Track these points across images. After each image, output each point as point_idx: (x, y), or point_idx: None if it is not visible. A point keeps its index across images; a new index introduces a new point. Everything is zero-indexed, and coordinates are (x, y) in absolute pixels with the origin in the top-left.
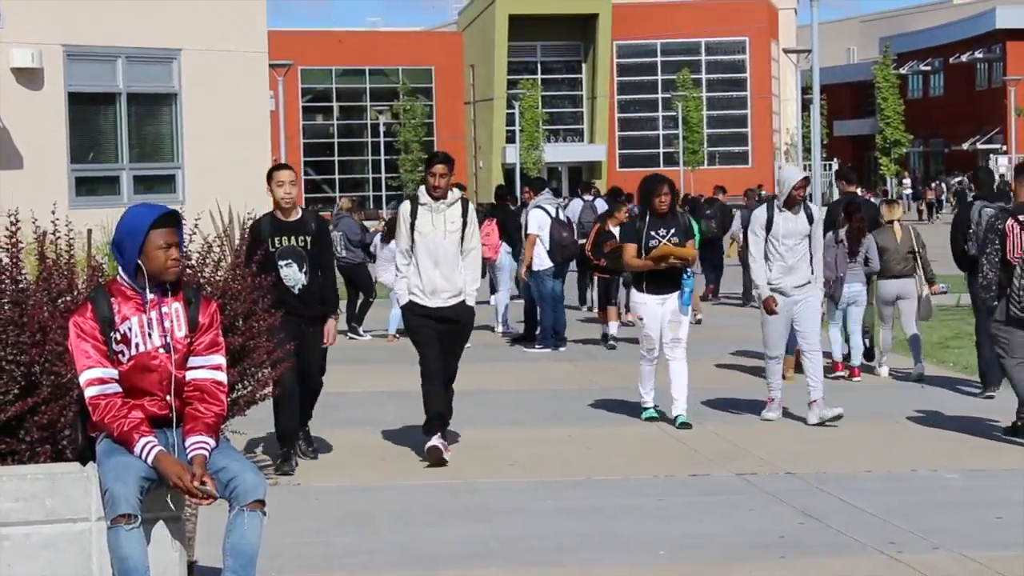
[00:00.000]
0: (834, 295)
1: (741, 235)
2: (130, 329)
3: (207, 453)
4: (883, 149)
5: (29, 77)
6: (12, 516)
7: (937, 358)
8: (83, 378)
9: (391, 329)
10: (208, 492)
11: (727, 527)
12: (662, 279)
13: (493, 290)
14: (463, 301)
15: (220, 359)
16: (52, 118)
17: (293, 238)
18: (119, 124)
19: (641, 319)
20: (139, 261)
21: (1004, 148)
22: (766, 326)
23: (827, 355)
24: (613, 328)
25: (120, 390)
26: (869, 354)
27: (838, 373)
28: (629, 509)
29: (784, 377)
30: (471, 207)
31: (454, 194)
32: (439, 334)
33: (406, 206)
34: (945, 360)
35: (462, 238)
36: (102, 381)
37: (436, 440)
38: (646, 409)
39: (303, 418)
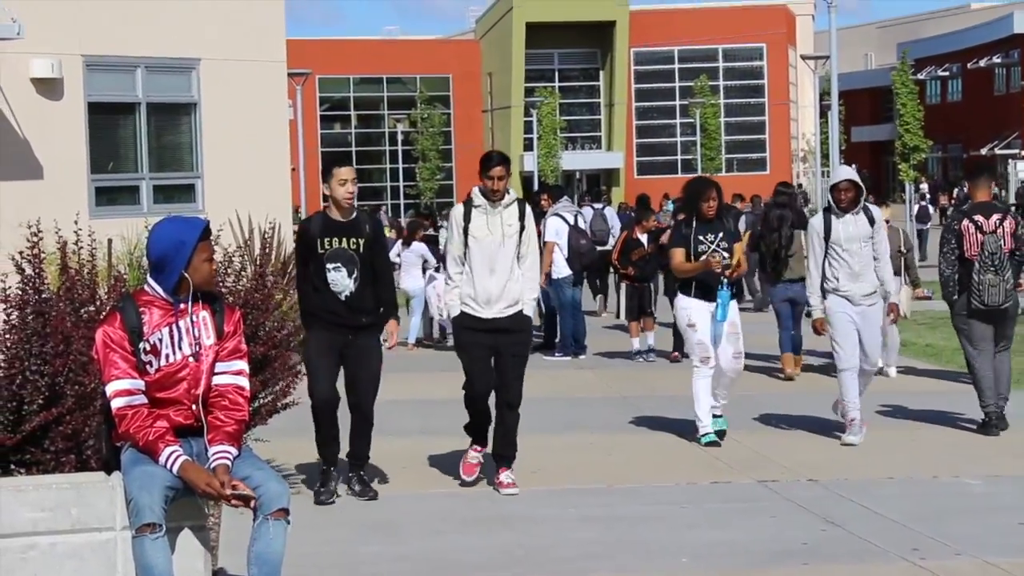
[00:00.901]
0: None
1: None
2: (160, 340)
3: (229, 462)
4: (901, 155)
5: (49, 87)
6: (39, 526)
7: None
8: (110, 389)
9: (411, 338)
10: (243, 495)
11: (749, 534)
12: (713, 285)
13: None
14: (520, 311)
15: (242, 364)
16: (72, 128)
17: (345, 240)
18: (139, 134)
19: (692, 325)
20: (185, 273)
21: (1022, 153)
22: (835, 335)
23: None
24: (651, 338)
25: (146, 401)
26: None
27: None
28: (652, 517)
29: (789, 377)
30: (528, 209)
31: (510, 195)
32: (494, 349)
33: (459, 210)
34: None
35: (519, 243)
36: (129, 393)
37: (504, 476)
38: (705, 435)
39: (355, 453)
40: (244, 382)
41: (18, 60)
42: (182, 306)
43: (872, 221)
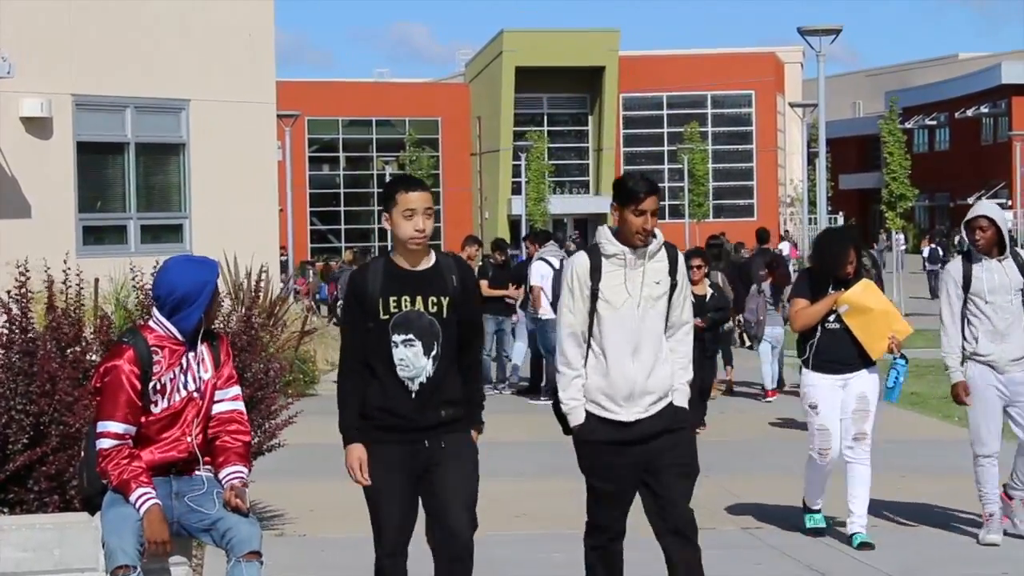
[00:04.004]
0: (757, 334)
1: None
2: (171, 380)
3: (242, 481)
4: (888, 203)
5: (38, 126)
6: (22, 566)
7: (942, 413)
8: (104, 427)
9: None
10: (159, 554)
11: None
12: (841, 351)
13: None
14: (670, 404)
15: (238, 390)
16: (61, 167)
17: (421, 299)
18: (127, 174)
19: (814, 407)
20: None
21: (1009, 203)
22: (972, 414)
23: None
24: None
25: (131, 444)
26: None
27: (769, 399)
28: (636, 562)
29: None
30: (681, 258)
31: (656, 239)
32: (643, 466)
33: (582, 261)
34: (950, 415)
35: (669, 307)
36: (120, 437)
37: None
38: (812, 514)
39: None
40: (242, 406)
41: (8, 99)
42: (190, 346)
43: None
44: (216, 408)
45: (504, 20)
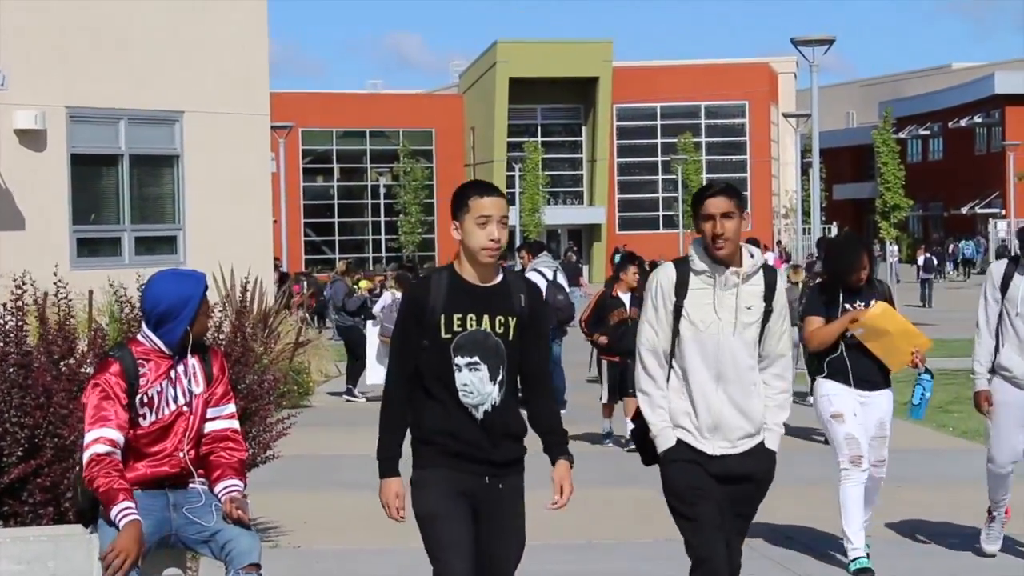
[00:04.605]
0: None
1: None
2: (158, 393)
3: (239, 493)
4: (882, 213)
5: (32, 138)
6: None
7: (937, 422)
8: (94, 434)
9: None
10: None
11: None
12: (860, 368)
13: None
14: (761, 443)
15: (232, 408)
16: (54, 179)
17: (488, 318)
18: (121, 185)
19: (838, 416)
20: (189, 328)
21: (1003, 212)
22: (992, 428)
23: None
24: (608, 424)
25: (119, 456)
26: None
27: None
28: (630, 573)
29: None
30: (780, 282)
31: (753, 258)
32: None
33: (668, 274)
34: (945, 424)
35: (762, 333)
36: (111, 442)
37: None
38: (855, 559)
39: None
40: (237, 424)
41: (2, 111)
42: (178, 359)
43: None
44: (211, 426)
45: (498, 31)
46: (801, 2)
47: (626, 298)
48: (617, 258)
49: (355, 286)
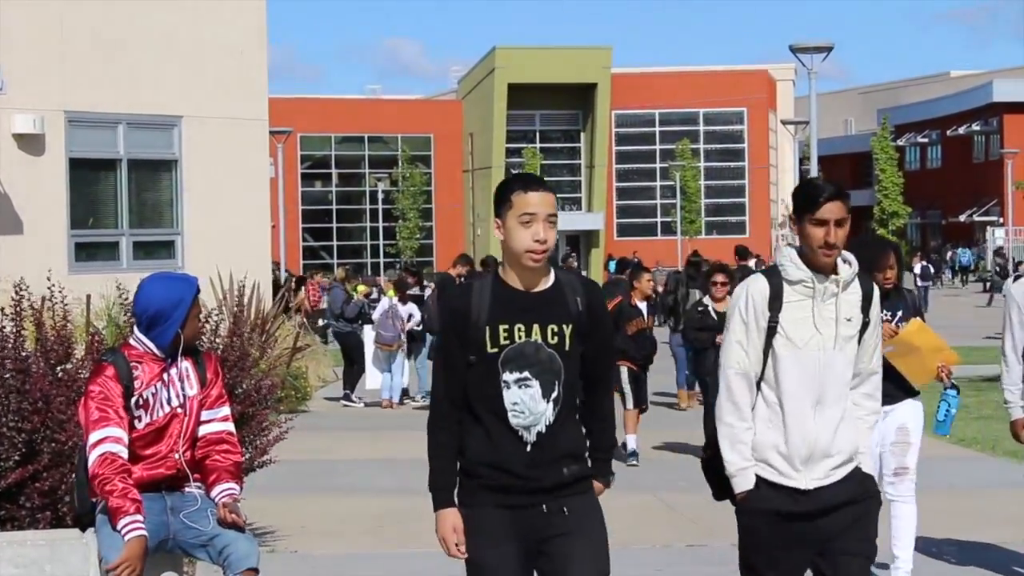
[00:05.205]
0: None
1: None
2: (153, 395)
3: (234, 498)
4: (880, 220)
5: (30, 143)
6: None
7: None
8: (104, 433)
9: (384, 395)
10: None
11: None
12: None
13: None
14: (856, 469)
15: (227, 410)
16: (53, 184)
17: (538, 328)
18: (119, 190)
19: None
20: (180, 331)
21: (1001, 220)
22: None
23: None
24: (632, 441)
25: (127, 458)
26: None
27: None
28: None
29: (683, 408)
30: (876, 290)
31: (849, 266)
32: (817, 544)
33: (760, 287)
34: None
35: (858, 349)
36: (118, 440)
37: None
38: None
39: None
40: (232, 427)
41: (0, 115)
42: (171, 362)
43: None
44: (206, 429)
45: (496, 37)
46: (800, 9)
47: (643, 307)
48: (612, 266)
49: (353, 292)
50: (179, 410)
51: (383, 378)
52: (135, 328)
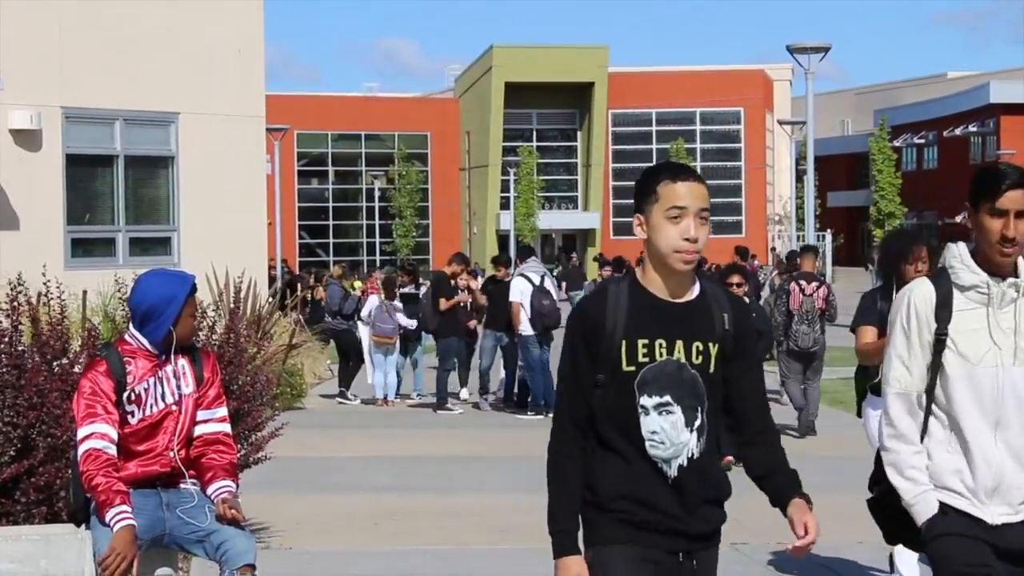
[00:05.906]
0: None
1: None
2: (145, 390)
3: (231, 494)
4: (876, 221)
5: (28, 139)
6: None
7: None
8: (87, 430)
9: (378, 393)
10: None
11: None
12: None
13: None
14: None
15: (224, 411)
16: (50, 179)
17: (681, 344)
18: (116, 186)
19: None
20: (173, 328)
21: None
22: None
23: None
24: None
25: (115, 453)
26: None
27: None
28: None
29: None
30: None
31: None
32: None
33: (926, 293)
34: None
35: None
36: (105, 437)
37: None
38: None
39: None
40: (228, 428)
41: None
42: (164, 358)
43: None
44: (203, 429)
45: (493, 36)
46: (797, 9)
47: None
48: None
49: (351, 288)
50: (174, 407)
51: (377, 376)
52: (130, 324)
